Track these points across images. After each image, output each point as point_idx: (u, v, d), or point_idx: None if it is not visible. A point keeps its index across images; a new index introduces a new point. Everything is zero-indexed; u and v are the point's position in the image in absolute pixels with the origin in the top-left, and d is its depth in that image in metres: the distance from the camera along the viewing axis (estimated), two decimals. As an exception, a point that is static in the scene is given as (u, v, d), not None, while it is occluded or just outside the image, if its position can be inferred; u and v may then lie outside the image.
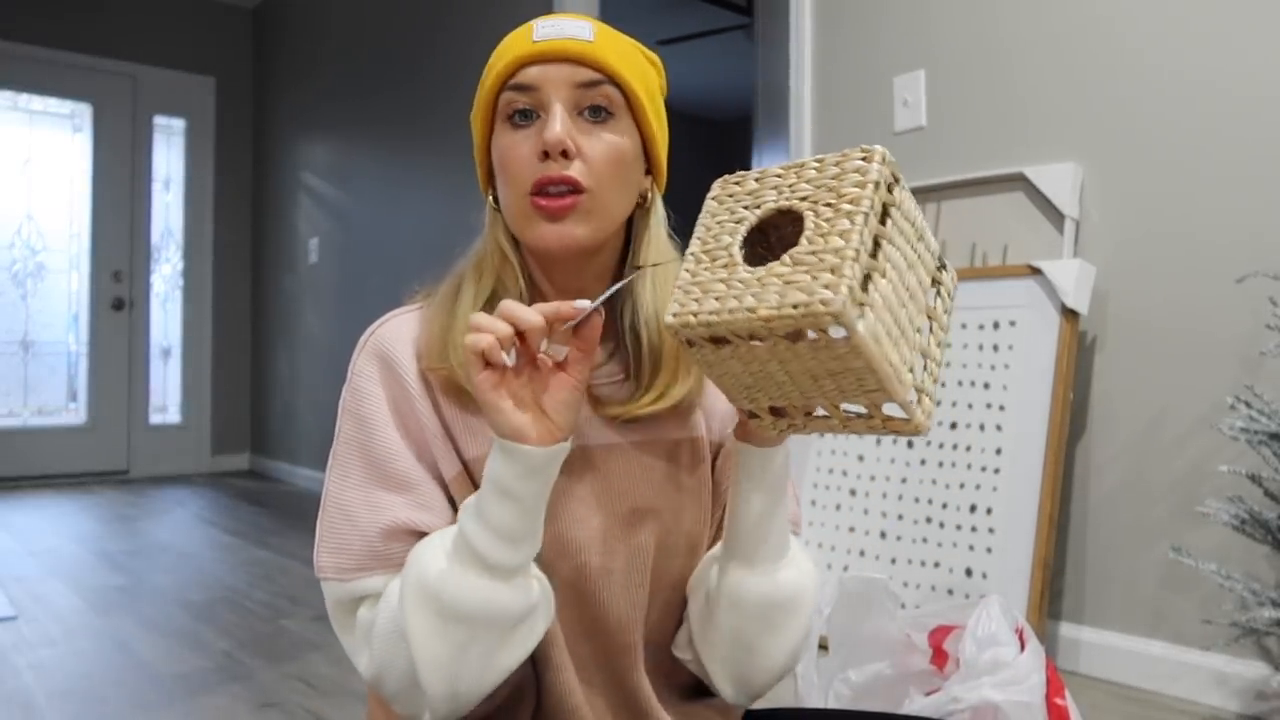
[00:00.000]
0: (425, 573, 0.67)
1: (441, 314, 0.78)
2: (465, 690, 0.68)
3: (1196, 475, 1.75)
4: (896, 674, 1.23)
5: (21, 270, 4.78)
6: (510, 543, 0.66)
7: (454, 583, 0.66)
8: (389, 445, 0.75)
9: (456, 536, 0.68)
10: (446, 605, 0.66)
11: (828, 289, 0.56)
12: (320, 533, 0.75)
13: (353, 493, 0.75)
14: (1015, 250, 2.01)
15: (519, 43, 0.76)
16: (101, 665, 1.97)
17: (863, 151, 0.62)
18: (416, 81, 3.97)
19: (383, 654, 0.70)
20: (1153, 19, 1.85)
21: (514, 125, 0.76)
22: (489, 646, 0.68)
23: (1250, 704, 1.65)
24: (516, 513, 0.66)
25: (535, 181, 0.73)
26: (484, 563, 0.66)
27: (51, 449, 4.78)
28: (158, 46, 5.08)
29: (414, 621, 0.67)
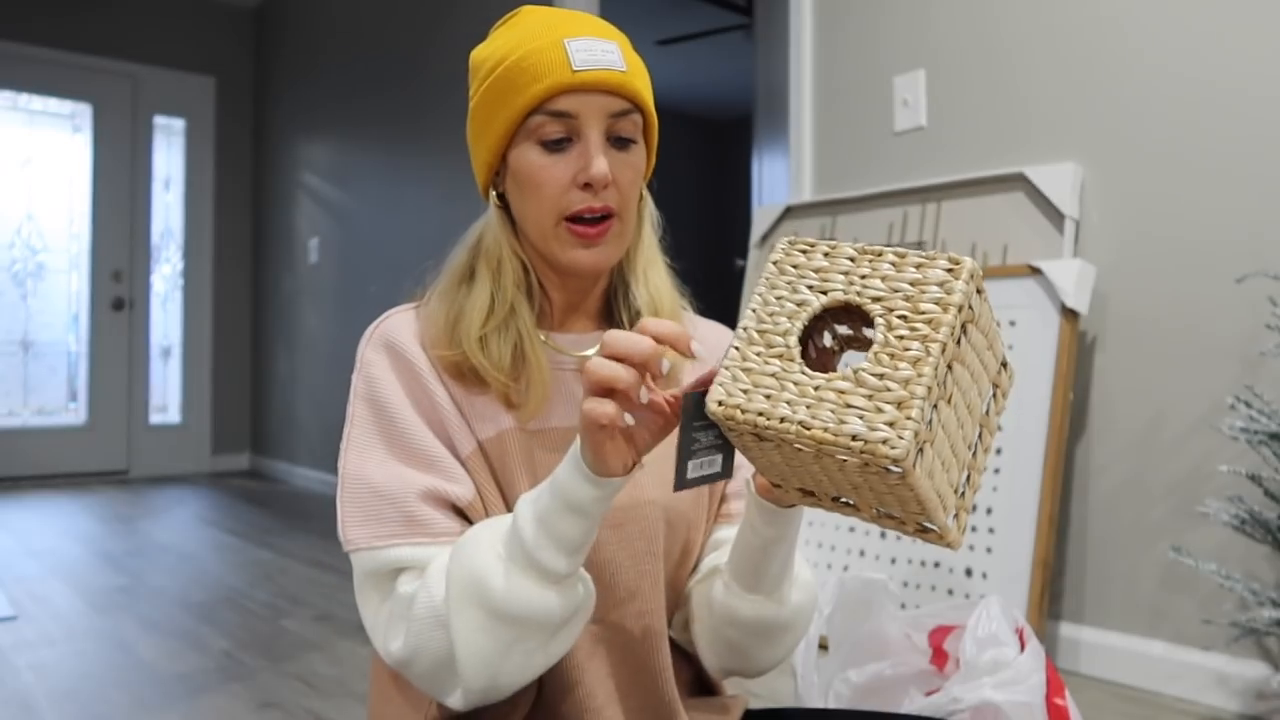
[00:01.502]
0: (477, 571, 0.68)
1: (448, 304, 0.80)
2: (505, 683, 0.70)
3: (1196, 475, 1.75)
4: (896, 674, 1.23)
5: (21, 270, 4.78)
6: (572, 554, 0.67)
7: (509, 586, 0.67)
8: (408, 425, 0.77)
9: (512, 539, 0.68)
10: (499, 606, 0.67)
11: (892, 428, 0.53)
12: (345, 509, 0.76)
13: (377, 469, 0.76)
14: (1015, 250, 2.01)
15: (555, 65, 0.76)
16: (102, 665, 1.97)
17: (950, 262, 0.56)
18: (416, 81, 3.97)
19: (419, 638, 0.70)
20: (1153, 19, 1.85)
21: (546, 149, 0.77)
22: (536, 645, 0.69)
23: (1250, 704, 1.65)
24: (585, 528, 0.67)
25: (575, 211, 0.77)
26: (542, 569, 0.67)
27: (51, 449, 4.78)
28: (158, 46, 5.08)
29: (462, 616, 0.67)
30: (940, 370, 0.54)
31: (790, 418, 0.56)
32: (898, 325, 0.56)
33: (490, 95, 0.78)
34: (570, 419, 0.81)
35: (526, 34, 0.78)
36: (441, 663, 0.69)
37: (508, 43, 0.79)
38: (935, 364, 0.54)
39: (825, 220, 2.41)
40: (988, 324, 0.59)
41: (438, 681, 0.71)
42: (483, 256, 0.82)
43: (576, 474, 0.66)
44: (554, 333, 0.84)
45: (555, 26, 0.78)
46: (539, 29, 0.78)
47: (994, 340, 0.61)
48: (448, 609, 0.68)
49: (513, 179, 0.79)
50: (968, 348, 0.57)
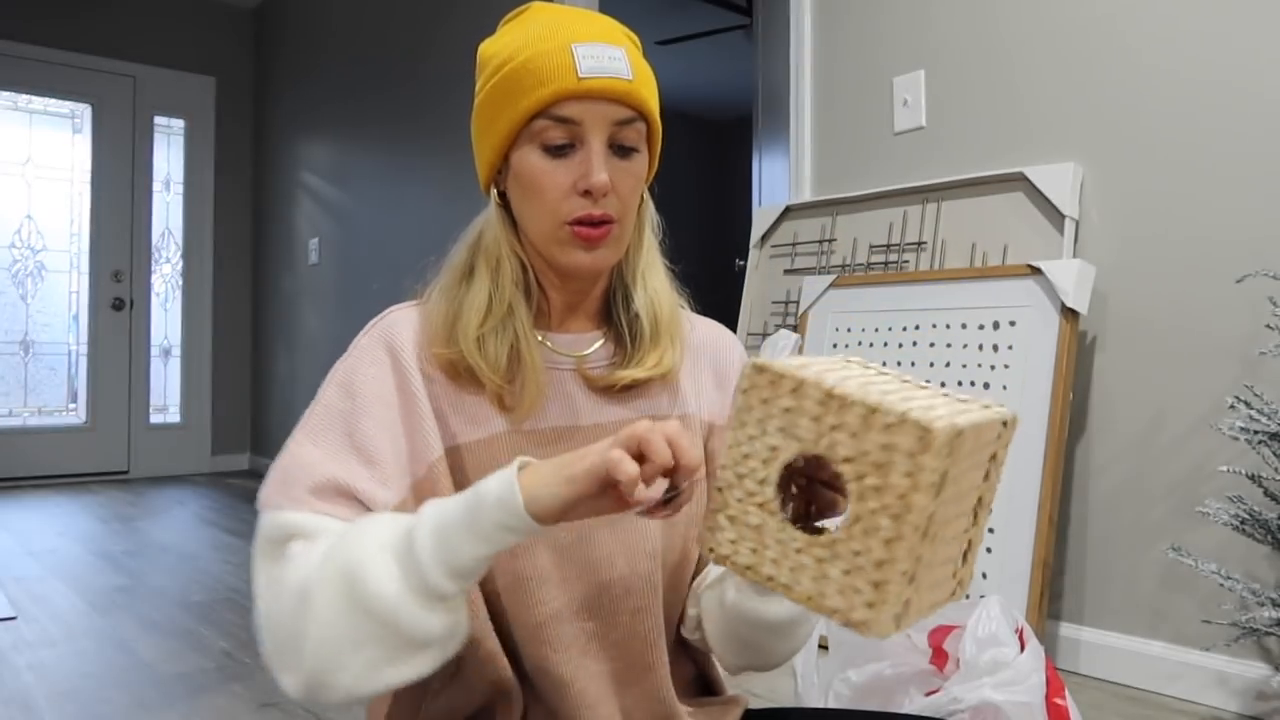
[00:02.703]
0: (357, 556, 0.63)
1: (448, 301, 0.81)
2: (341, 682, 0.63)
3: (1196, 475, 1.75)
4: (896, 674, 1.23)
5: (21, 270, 4.78)
6: (461, 579, 0.63)
7: (384, 585, 0.62)
8: (369, 423, 0.76)
9: (405, 543, 0.63)
10: (368, 599, 0.62)
11: (870, 609, 0.52)
12: (270, 474, 0.74)
13: (315, 449, 0.75)
14: (1015, 250, 2.01)
15: (561, 70, 0.75)
16: (102, 665, 1.97)
17: (920, 430, 0.51)
18: (416, 81, 3.97)
19: (280, 603, 0.66)
20: (1153, 19, 1.85)
21: (549, 153, 0.77)
22: (387, 654, 0.63)
23: (1250, 704, 1.65)
24: (485, 558, 0.63)
25: (576, 217, 0.77)
26: (425, 583, 0.62)
27: (51, 449, 4.78)
28: (158, 46, 5.08)
29: (326, 595, 0.63)
30: (915, 546, 0.53)
31: (775, 578, 0.57)
32: (869, 496, 0.53)
33: (496, 94, 0.79)
34: (564, 419, 0.81)
35: (535, 34, 0.78)
36: (290, 635, 0.64)
37: (515, 41, 0.79)
38: (910, 546, 0.52)
39: (825, 220, 2.41)
40: (977, 444, 0.56)
41: (280, 655, 0.66)
42: (482, 254, 0.82)
43: (507, 504, 0.61)
44: (552, 332, 0.84)
45: (563, 29, 0.77)
46: (547, 30, 0.78)
47: (986, 443, 0.57)
48: (316, 582, 0.63)
49: (514, 179, 0.79)
50: (949, 490, 0.54)
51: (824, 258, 2.39)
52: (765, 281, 2.53)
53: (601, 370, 0.84)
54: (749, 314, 2.56)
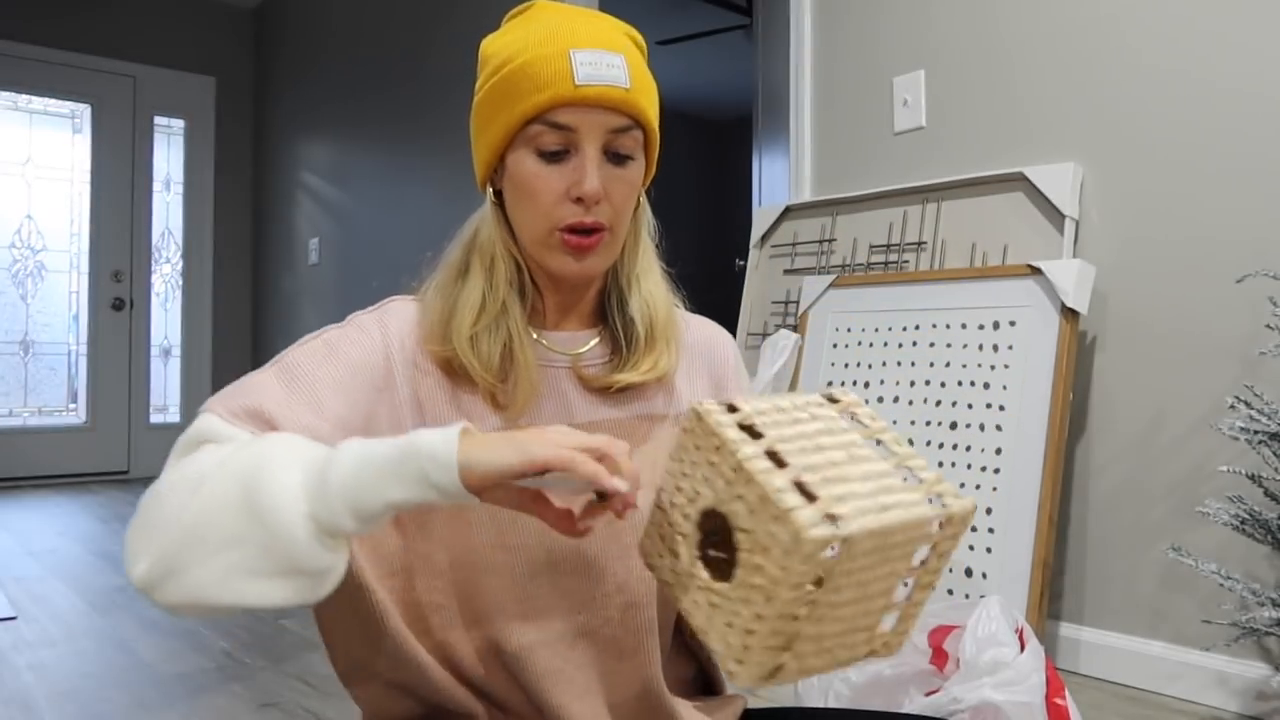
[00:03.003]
0: (267, 458, 0.61)
1: (443, 299, 0.81)
2: (188, 579, 0.59)
3: (1196, 475, 1.75)
4: (896, 674, 1.23)
5: (21, 270, 4.78)
6: (361, 520, 0.60)
7: (282, 495, 0.59)
8: (335, 386, 0.74)
9: (321, 465, 0.61)
10: (261, 503, 0.59)
11: (740, 664, 0.56)
12: (225, 389, 0.73)
13: (275, 385, 0.73)
14: (1015, 250, 2.01)
15: (558, 77, 0.75)
16: (102, 665, 1.97)
17: (792, 533, 0.52)
18: (416, 81, 3.97)
19: (168, 489, 0.62)
20: (1153, 19, 1.85)
21: (543, 158, 0.77)
22: (253, 565, 0.59)
23: (1250, 704, 1.65)
24: (395, 506, 0.61)
25: (567, 224, 0.77)
26: (325, 509, 0.59)
27: (51, 449, 4.78)
28: (158, 46, 5.08)
29: (219, 486, 0.60)
30: (785, 627, 0.55)
31: (681, 601, 0.61)
32: (751, 570, 0.55)
33: (493, 95, 0.79)
34: (559, 416, 0.82)
35: (535, 37, 0.78)
36: (164, 518, 0.61)
37: (516, 41, 0.79)
38: (776, 627, 0.54)
39: (825, 220, 2.41)
40: (886, 545, 0.56)
41: (144, 534, 0.61)
42: (477, 252, 0.82)
43: (442, 464, 0.59)
44: (547, 331, 0.84)
45: (563, 33, 0.77)
46: (547, 33, 0.78)
47: (905, 534, 0.57)
48: (213, 473, 0.61)
49: (509, 181, 0.80)
50: (843, 580, 0.55)
51: (824, 258, 2.39)
52: (765, 281, 2.53)
53: (597, 370, 0.84)
54: (749, 314, 2.56)
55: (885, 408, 2.09)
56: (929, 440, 1.99)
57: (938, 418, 1.99)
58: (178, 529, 0.59)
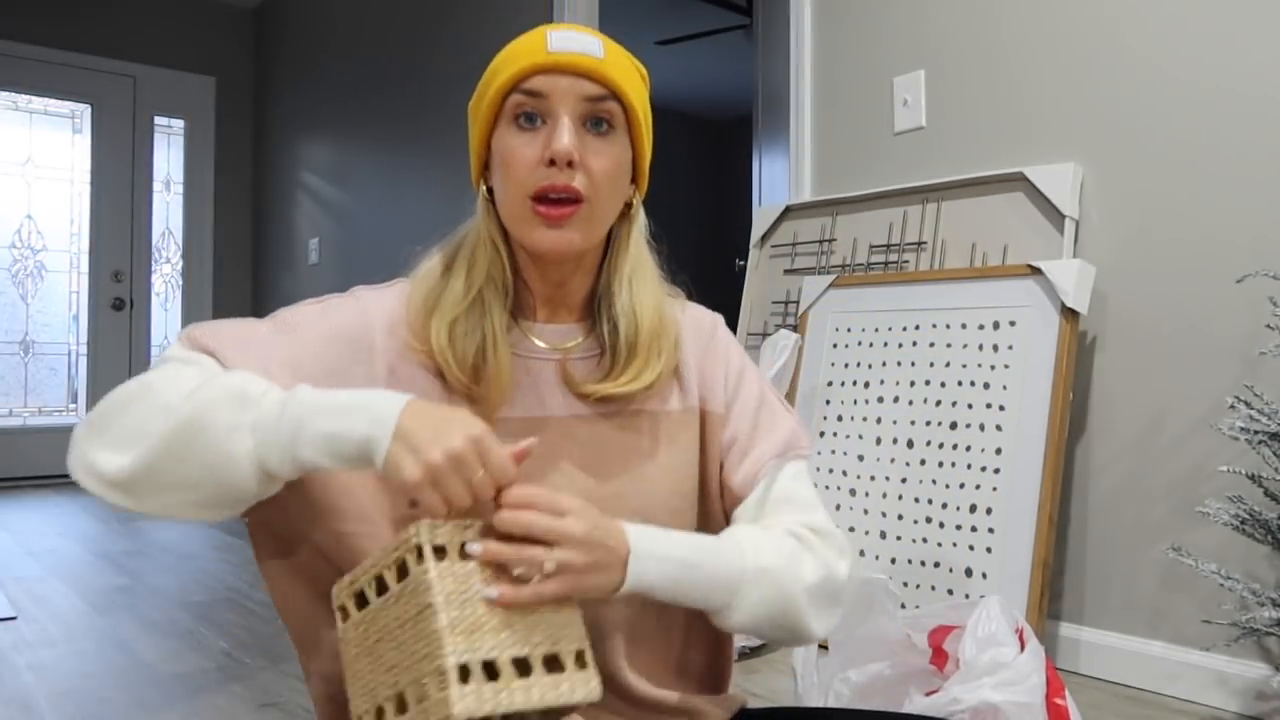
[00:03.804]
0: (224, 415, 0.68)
1: (425, 295, 0.82)
2: (156, 504, 0.70)
3: (1196, 475, 1.75)
4: (896, 674, 1.23)
5: (21, 270, 4.78)
6: (297, 468, 0.70)
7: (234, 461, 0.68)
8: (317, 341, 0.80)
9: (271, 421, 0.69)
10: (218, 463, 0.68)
11: None
12: (224, 323, 0.79)
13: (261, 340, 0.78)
14: (1015, 250, 2.01)
15: (533, 49, 0.78)
16: (102, 665, 1.97)
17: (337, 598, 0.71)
18: (416, 81, 3.97)
19: (151, 400, 0.70)
20: (1153, 19, 1.85)
21: (519, 127, 0.79)
22: (204, 502, 0.70)
23: (1250, 704, 1.65)
24: (326, 468, 0.70)
25: (539, 188, 0.77)
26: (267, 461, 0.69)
27: (51, 449, 4.78)
28: (158, 46, 5.08)
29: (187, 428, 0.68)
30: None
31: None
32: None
33: (480, 86, 0.82)
34: (533, 410, 0.82)
35: (521, 37, 0.81)
36: (139, 435, 0.69)
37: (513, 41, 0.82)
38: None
39: (825, 220, 2.41)
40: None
41: (121, 435, 0.70)
42: (464, 249, 0.84)
43: (367, 446, 0.67)
44: (535, 323, 0.85)
45: (542, 28, 0.80)
46: (530, 32, 0.81)
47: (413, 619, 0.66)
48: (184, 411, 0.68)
49: (494, 165, 0.81)
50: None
51: (824, 258, 2.39)
52: (765, 281, 2.53)
53: (585, 367, 0.85)
54: (749, 314, 2.56)
55: (885, 408, 2.09)
56: (929, 440, 1.99)
57: (938, 418, 1.99)
58: (150, 457, 0.68)
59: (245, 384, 0.70)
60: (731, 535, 0.80)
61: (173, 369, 0.74)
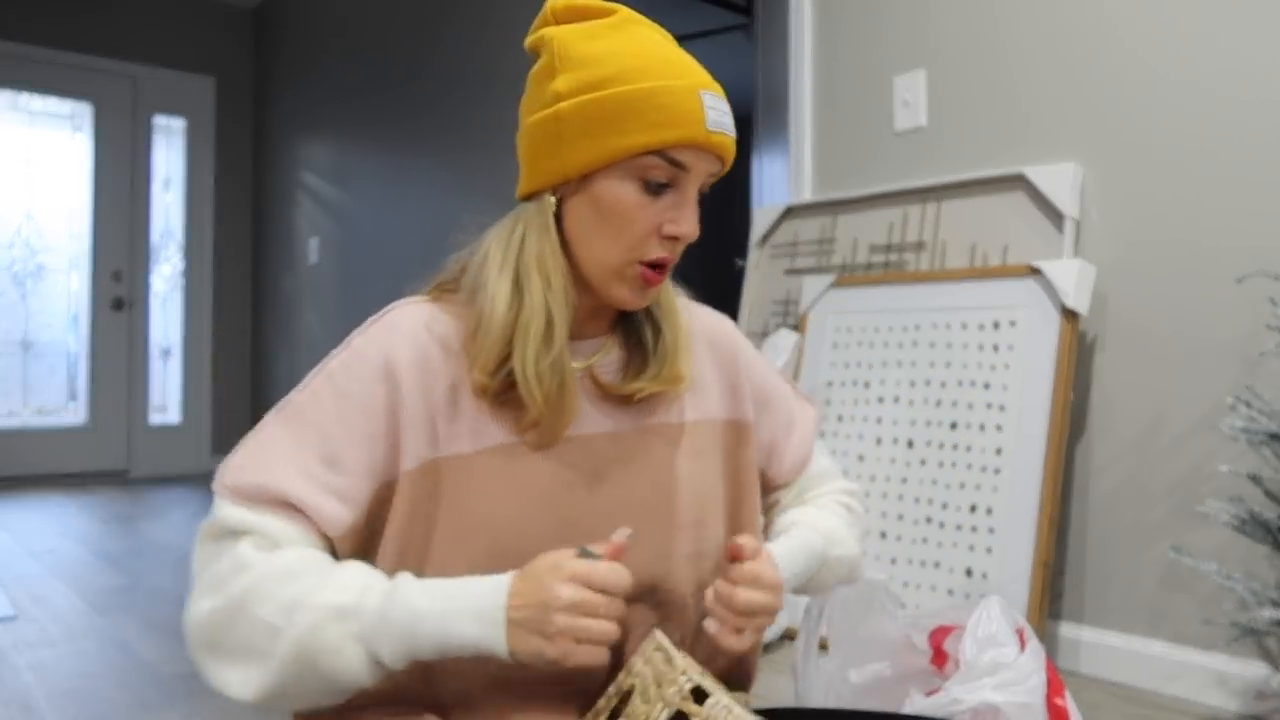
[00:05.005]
0: (326, 636, 0.69)
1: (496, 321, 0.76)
2: (290, 706, 0.75)
3: (1196, 475, 1.75)
4: (896, 674, 1.23)
5: (21, 270, 4.78)
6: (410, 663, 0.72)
7: (347, 669, 0.70)
8: (347, 425, 0.76)
9: (372, 636, 0.69)
10: (331, 676, 0.70)
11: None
12: (237, 453, 0.77)
13: (289, 444, 0.75)
14: (1015, 250, 2.01)
15: (690, 118, 0.74)
16: (102, 665, 1.97)
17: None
18: (417, 81, 3.97)
19: (244, 625, 0.71)
20: (1153, 19, 1.85)
21: (646, 189, 0.76)
22: (328, 698, 0.73)
23: (1250, 704, 1.65)
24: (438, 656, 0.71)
25: (653, 259, 0.77)
26: (382, 667, 0.71)
27: (51, 449, 4.78)
28: (158, 46, 5.08)
29: (293, 647, 0.69)
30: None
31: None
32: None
33: (602, 111, 0.74)
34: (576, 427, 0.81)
35: (651, 61, 0.75)
36: (245, 645, 0.71)
37: (624, 58, 0.75)
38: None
39: (825, 220, 2.41)
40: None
41: (231, 659, 0.73)
42: (534, 268, 0.77)
43: (482, 646, 0.69)
44: (571, 340, 0.82)
45: (685, 66, 0.77)
46: (668, 62, 0.76)
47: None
48: (283, 627, 0.69)
49: (591, 203, 0.76)
50: None
51: (824, 258, 2.39)
52: (765, 281, 2.53)
53: (612, 377, 0.84)
54: (749, 314, 2.56)
55: (885, 408, 2.09)
56: (929, 440, 1.99)
57: (938, 418, 1.99)
58: (274, 683, 0.71)
59: (340, 595, 0.70)
60: (815, 527, 0.91)
61: (258, 575, 0.71)
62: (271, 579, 0.70)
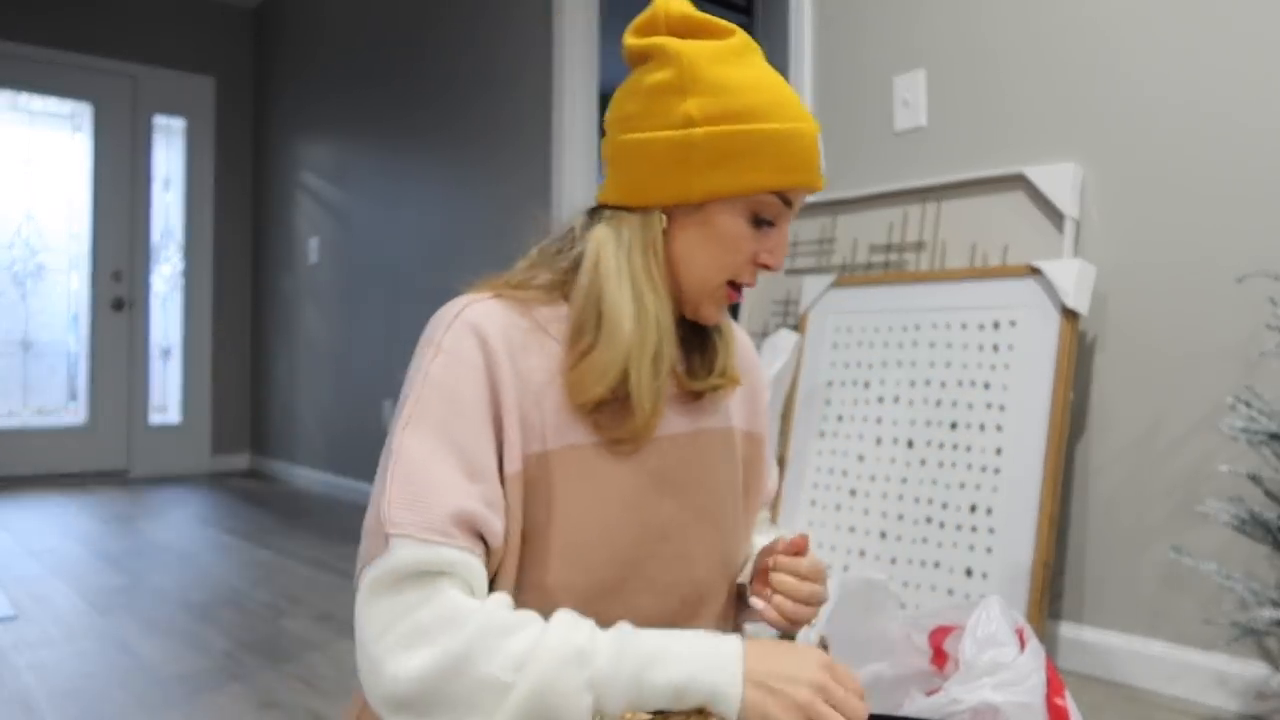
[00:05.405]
0: (563, 695, 0.65)
1: (621, 331, 0.76)
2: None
3: (1196, 475, 1.75)
4: (896, 674, 1.23)
5: (21, 270, 4.78)
6: None
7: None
8: (473, 429, 0.73)
9: (602, 695, 0.66)
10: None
11: None
12: (395, 489, 0.70)
13: (435, 463, 0.71)
14: (1015, 250, 2.01)
15: (808, 163, 0.80)
16: (102, 665, 1.97)
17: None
18: (416, 81, 3.97)
19: (459, 687, 0.65)
20: (1154, 20, 1.85)
21: (755, 221, 0.80)
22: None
23: (1250, 704, 1.66)
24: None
25: (743, 281, 0.82)
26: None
27: (51, 449, 4.78)
28: (158, 46, 5.08)
29: (545, 661, 0.65)
30: None
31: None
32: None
33: (735, 146, 0.77)
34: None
35: (779, 100, 0.79)
36: (467, 705, 0.65)
37: (757, 93, 0.78)
38: None
39: (825, 220, 2.41)
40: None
41: (441, 711, 0.66)
42: (646, 282, 0.78)
43: (715, 693, 0.66)
44: None
45: (801, 109, 0.81)
46: (791, 104, 0.80)
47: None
48: (508, 705, 0.64)
49: (703, 227, 0.79)
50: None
51: (824, 257, 2.39)
52: (765, 281, 2.53)
53: (682, 375, 0.86)
54: (749, 314, 2.56)
55: (885, 408, 2.09)
56: (929, 440, 1.99)
57: (938, 418, 1.99)
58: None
59: (574, 638, 0.66)
60: None
61: (479, 628, 0.66)
62: (494, 632, 0.66)
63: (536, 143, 3.23)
